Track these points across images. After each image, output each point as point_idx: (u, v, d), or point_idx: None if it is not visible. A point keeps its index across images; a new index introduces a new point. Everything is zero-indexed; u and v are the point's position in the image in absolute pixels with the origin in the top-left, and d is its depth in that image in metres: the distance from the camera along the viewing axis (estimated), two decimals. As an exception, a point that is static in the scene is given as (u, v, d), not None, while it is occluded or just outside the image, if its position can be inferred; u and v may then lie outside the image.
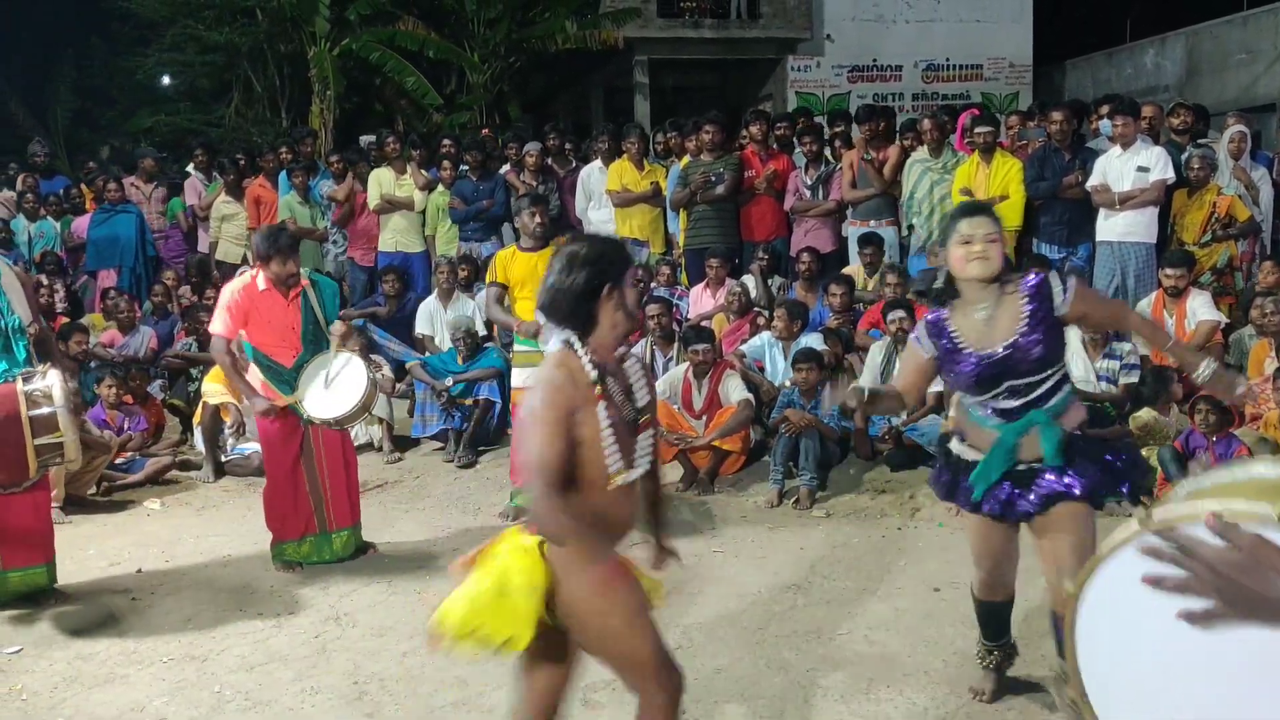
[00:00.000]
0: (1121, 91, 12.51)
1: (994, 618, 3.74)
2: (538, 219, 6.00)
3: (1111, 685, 1.98)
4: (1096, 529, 3.21)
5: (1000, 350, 3.25)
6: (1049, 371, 3.28)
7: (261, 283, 5.26)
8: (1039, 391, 3.28)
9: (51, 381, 4.69)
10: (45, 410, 4.64)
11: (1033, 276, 3.31)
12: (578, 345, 2.63)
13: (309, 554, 5.39)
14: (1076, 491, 3.24)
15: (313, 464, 5.36)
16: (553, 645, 2.68)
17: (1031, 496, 3.29)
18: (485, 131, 12.73)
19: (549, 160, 9.83)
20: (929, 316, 3.45)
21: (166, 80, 20.70)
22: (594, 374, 2.60)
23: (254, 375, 5.37)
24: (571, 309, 2.62)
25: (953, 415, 3.58)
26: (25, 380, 4.67)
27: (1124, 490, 3.34)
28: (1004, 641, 3.76)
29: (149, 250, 10.08)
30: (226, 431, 7.42)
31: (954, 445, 3.53)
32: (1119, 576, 1.97)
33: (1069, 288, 3.26)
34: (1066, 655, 2.06)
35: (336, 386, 5.26)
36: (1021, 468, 3.32)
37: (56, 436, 4.68)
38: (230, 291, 5.29)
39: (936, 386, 6.73)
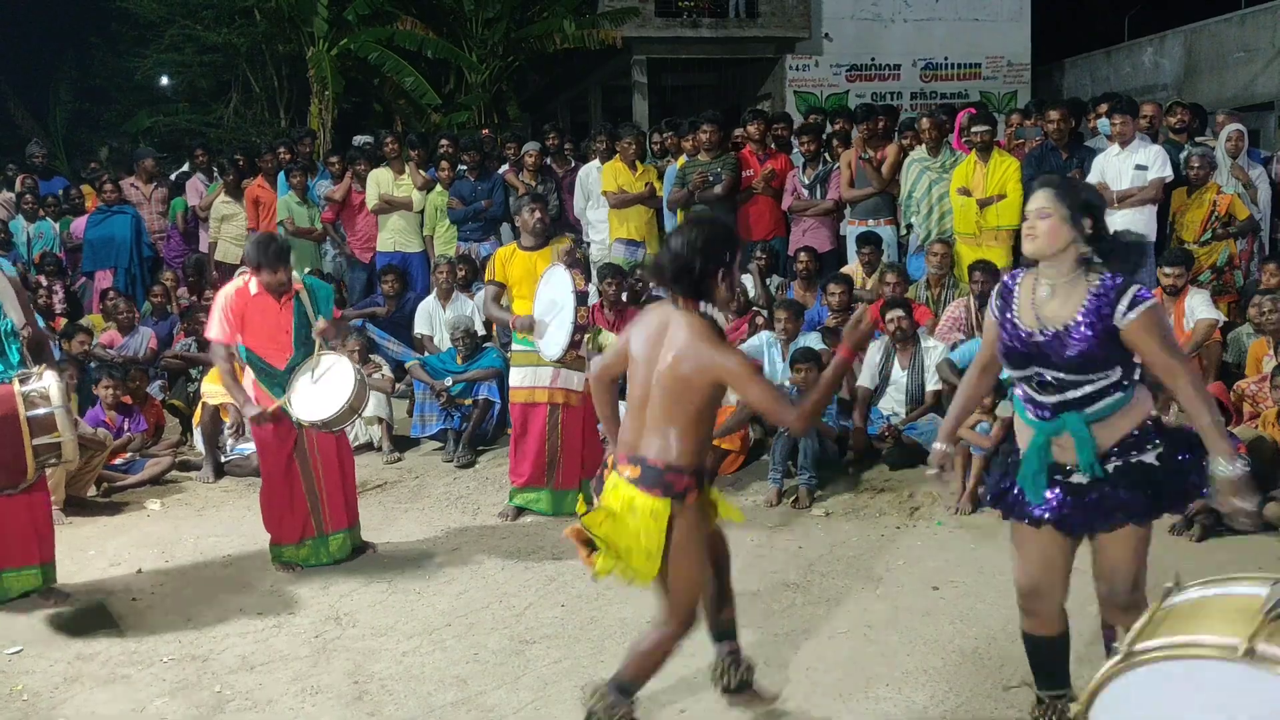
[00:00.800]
0: (1120, 90, 12.53)
1: (1045, 657, 3.29)
2: (538, 216, 6.01)
3: None
4: (1147, 542, 3.09)
5: (1038, 333, 3.02)
6: (1090, 376, 2.98)
7: (254, 286, 5.27)
8: (1076, 394, 3.00)
9: (48, 382, 4.70)
10: (43, 411, 4.66)
11: (1116, 278, 2.99)
12: (713, 313, 3.25)
13: (307, 557, 5.39)
14: (1122, 515, 3.01)
15: (308, 466, 5.36)
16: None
17: (1079, 514, 3.04)
18: (485, 132, 12.73)
19: (548, 160, 9.83)
20: (1005, 278, 3.24)
21: (165, 81, 20.73)
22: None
23: (247, 378, 5.38)
24: (694, 283, 3.14)
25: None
26: (22, 382, 4.68)
27: (1165, 508, 3.07)
28: (1061, 693, 3.27)
29: (145, 251, 10.07)
30: (226, 432, 7.42)
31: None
32: (1117, 699, 2.26)
33: (1135, 311, 2.92)
34: None
35: (324, 388, 5.26)
36: (1061, 477, 3.08)
37: (54, 437, 4.69)
38: (223, 296, 5.30)
39: (935, 385, 6.82)
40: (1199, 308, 6.77)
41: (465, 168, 9.48)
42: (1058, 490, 3.07)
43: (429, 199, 9.52)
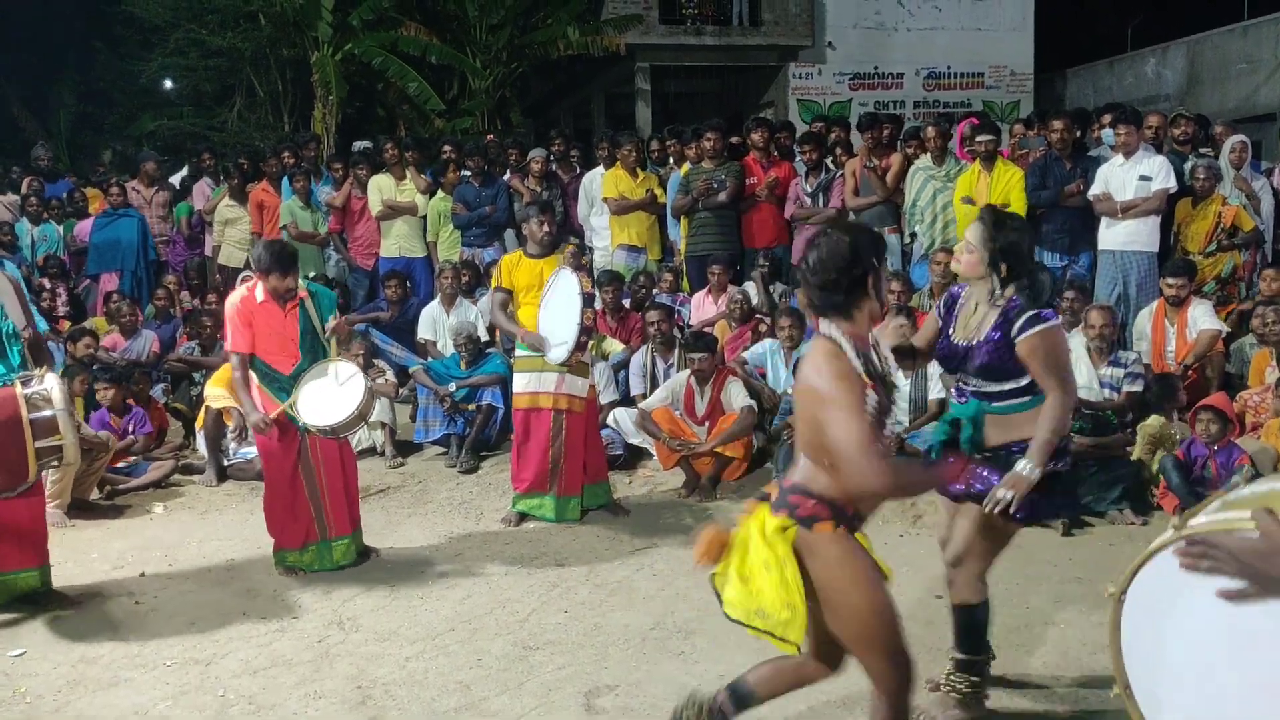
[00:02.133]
0: (1122, 100, 12.54)
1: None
2: (546, 228, 6.01)
3: (1153, 677, 2.20)
4: (1000, 535, 3.52)
5: (960, 344, 3.55)
6: (1003, 385, 3.47)
7: (260, 293, 5.29)
8: (988, 389, 3.51)
9: (50, 384, 4.71)
10: (45, 413, 4.67)
11: (1016, 300, 3.43)
12: (838, 336, 2.77)
13: (310, 562, 5.39)
14: (977, 488, 3.45)
15: (311, 471, 5.36)
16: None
17: (959, 485, 3.52)
18: (489, 137, 12.76)
19: (553, 166, 9.85)
20: (954, 289, 3.74)
21: (169, 84, 20.74)
22: (861, 365, 2.76)
23: (252, 384, 5.39)
24: (840, 301, 2.78)
25: None
26: (24, 384, 4.69)
27: (1055, 513, 3.53)
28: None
29: (150, 254, 10.10)
30: (229, 435, 7.41)
31: None
32: (1157, 578, 2.19)
33: (1027, 332, 3.37)
34: (1110, 651, 2.27)
35: (333, 395, 5.27)
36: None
37: (56, 439, 4.70)
38: (232, 306, 5.32)
39: (938, 393, 6.82)
40: (1201, 318, 6.78)
41: (469, 173, 9.50)
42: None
43: (433, 204, 9.54)
